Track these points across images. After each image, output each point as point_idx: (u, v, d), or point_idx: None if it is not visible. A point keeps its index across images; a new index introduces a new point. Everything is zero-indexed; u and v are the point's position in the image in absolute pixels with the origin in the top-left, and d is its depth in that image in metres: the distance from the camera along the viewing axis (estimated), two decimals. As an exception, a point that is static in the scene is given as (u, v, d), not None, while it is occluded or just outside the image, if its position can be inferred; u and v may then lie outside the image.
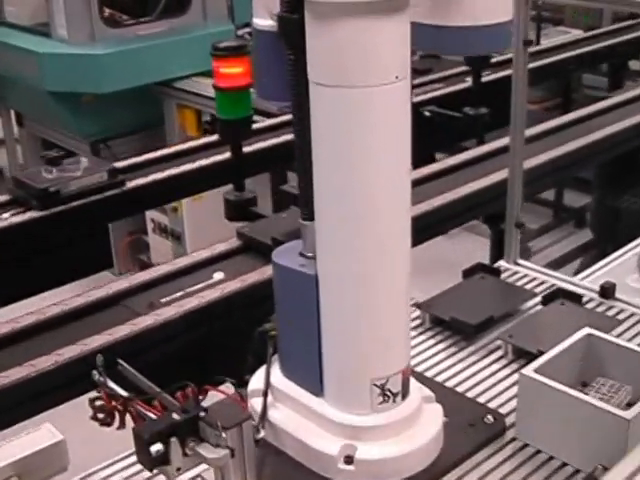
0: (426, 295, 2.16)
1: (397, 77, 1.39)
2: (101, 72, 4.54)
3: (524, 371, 1.66)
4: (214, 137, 3.20)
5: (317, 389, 1.65)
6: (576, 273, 4.02)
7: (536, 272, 2.35)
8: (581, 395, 1.59)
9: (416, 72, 3.85)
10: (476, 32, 1.55)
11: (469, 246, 4.84)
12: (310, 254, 1.60)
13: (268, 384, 1.72)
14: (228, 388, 1.66)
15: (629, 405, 1.69)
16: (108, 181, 2.92)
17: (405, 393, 1.62)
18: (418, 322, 2.13)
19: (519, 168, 2.29)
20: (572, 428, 1.60)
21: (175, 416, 1.49)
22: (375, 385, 1.58)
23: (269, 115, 3.82)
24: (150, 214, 4.71)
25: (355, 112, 1.39)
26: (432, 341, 2.06)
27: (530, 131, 3.54)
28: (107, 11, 4.96)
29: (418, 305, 2.13)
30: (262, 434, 1.63)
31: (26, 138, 5.72)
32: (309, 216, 1.57)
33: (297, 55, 1.47)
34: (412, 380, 1.70)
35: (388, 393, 1.59)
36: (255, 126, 2.74)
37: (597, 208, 4.01)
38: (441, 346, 2.04)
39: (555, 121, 3.73)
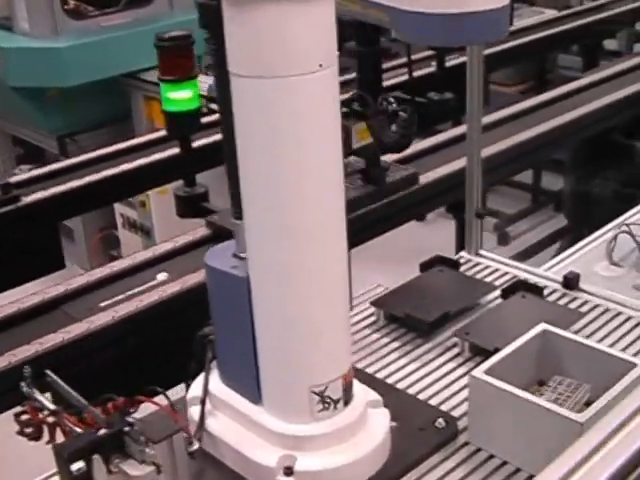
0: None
1: (321, 65, 1.29)
2: (64, 65, 4.42)
3: (474, 372, 1.57)
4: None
5: (255, 397, 1.56)
6: (553, 258, 3.99)
7: (498, 263, 2.26)
8: (532, 397, 1.50)
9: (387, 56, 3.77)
10: (467, 19, 1.42)
11: (446, 233, 4.74)
12: (243, 255, 1.51)
13: (206, 391, 1.63)
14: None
15: (587, 404, 1.60)
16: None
17: (348, 399, 1.54)
18: (372, 320, 2.04)
19: (477, 156, 2.20)
20: (524, 432, 1.52)
21: (102, 431, 1.41)
22: (314, 392, 1.49)
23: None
24: (119, 209, 4.61)
25: (276, 104, 1.30)
26: (386, 339, 1.97)
27: (504, 112, 3.50)
28: (72, 3, 4.84)
29: (372, 302, 2.05)
30: (197, 446, 1.54)
31: (-2, 136, 5.61)
32: (240, 214, 1.48)
33: (218, 44, 1.38)
34: (358, 384, 1.61)
35: (328, 400, 1.50)
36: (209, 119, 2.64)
37: (570, 193, 3.91)
38: (395, 344, 1.95)
39: (529, 102, 3.64)
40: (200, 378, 1.66)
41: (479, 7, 1.42)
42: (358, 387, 1.60)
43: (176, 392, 1.70)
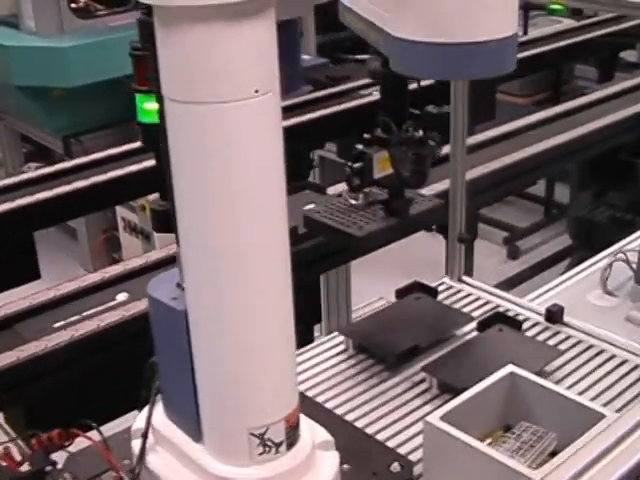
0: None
1: (257, 91, 1.20)
2: (68, 65, 4.35)
3: (429, 418, 1.47)
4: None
5: (196, 435, 1.47)
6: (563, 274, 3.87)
7: (480, 291, 2.16)
8: (487, 449, 1.40)
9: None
10: (468, 51, 1.25)
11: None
12: (185, 285, 1.42)
13: (149, 425, 1.54)
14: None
15: (553, 454, 1.50)
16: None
17: (292, 441, 1.44)
18: (341, 348, 1.95)
19: (461, 179, 2.10)
20: (479, 484, 1.42)
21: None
22: (253, 435, 1.39)
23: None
24: (120, 212, 4.54)
25: (208, 132, 1.20)
26: (353, 371, 1.87)
27: (517, 123, 3.39)
28: (82, 1, 4.78)
29: (340, 330, 1.96)
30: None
31: (4, 132, 5.56)
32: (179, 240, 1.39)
33: (156, 64, 1.29)
34: (308, 422, 1.52)
35: (269, 443, 1.41)
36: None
37: (574, 214, 3.78)
38: (361, 377, 1.85)
39: (534, 116, 3.52)
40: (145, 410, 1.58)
41: (480, 37, 1.25)
42: (307, 426, 1.50)
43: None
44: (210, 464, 1.43)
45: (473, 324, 1.96)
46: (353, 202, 1.78)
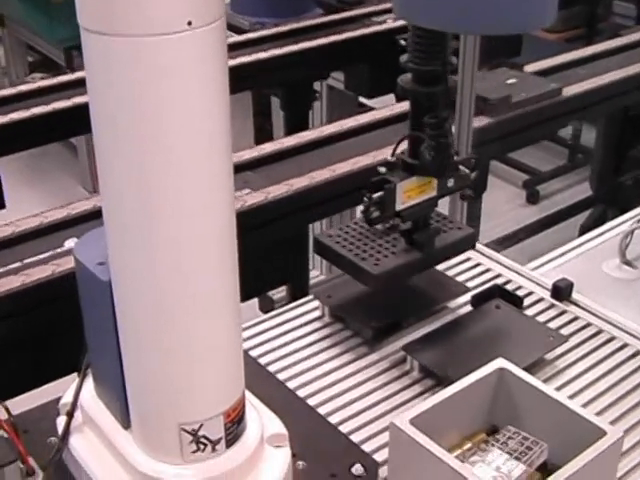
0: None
1: (190, 23, 0.94)
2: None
3: (396, 420, 1.24)
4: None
5: (124, 420, 1.26)
6: (581, 229, 3.60)
7: (482, 256, 1.91)
8: (459, 466, 1.17)
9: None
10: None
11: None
12: (114, 248, 1.19)
13: (76, 402, 1.33)
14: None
15: (543, 469, 1.28)
16: None
17: (233, 439, 1.22)
18: (317, 314, 1.72)
19: (468, 126, 1.84)
20: (449, 503, 1.20)
21: None
22: (185, 430, 1.18)
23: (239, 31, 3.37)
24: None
25: (131, 71, 0.95)
26: (324, 344, 1.64)
27: (543, 64, 3.08)
28: None
29: (316, 293, 1.72)
30: (40, 478, 1.24)
31: (9, 39, 5.29)
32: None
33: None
34: (259, 410, 1.30)
35: (204, 441, 1.19)
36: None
37: (598, 166, 3.47)
38: (334, 351, 1.62)
39: (571, 54, 3.20)
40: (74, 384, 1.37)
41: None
42: (256, 416, 1.28)
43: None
44: (135, 458, 1.22)
45: (468, 296, 1.72)
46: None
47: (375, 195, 1.47)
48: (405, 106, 1.60)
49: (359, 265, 1.54)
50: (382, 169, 1.52)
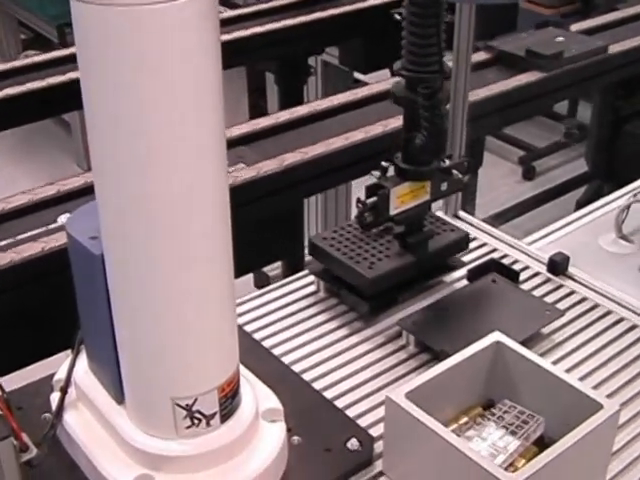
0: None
1: (183, -9, 0.92)
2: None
3: (392, 395, 1.23)
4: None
5: (118, 395, 1.25)
6: (577, 205, 3.59)
7: (478, 230, 1.90)
8: (455, 440, 1.16)
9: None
10: None
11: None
12: (106, 222, 1.17)
13: (69, 378, 1.32)
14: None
15: (539, 443, 1.27)
16: None
17: (228, 413, 1.22)
18: (312, 289, 1.71)
19: (463, 100, 1.81)
20: (445, 476, 1.20)
21: None
22: (179, 405, 1.17)
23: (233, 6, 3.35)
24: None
25: (119, 43, 0.93)
26: (322, 317, 1.63)
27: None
28: None
29: (310, 269, 1.71)
30: (33, 453, 1.23)
31: (1, 17, 5.25)
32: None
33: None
34: (253, 385, 1.30)
35: (198, 416, 1.18)
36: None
37: (594, 139, 3.45)
38: (330, 326, 1.61)
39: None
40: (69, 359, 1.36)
41: None
42: (251, 390, 1.28)
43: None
44: (128, 433, 1.21)
45: (463, 270, 1.71)
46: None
47: (369, 200, 1.50)
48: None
49: (353, 268, 1.57)
50: (376, 173, 1.54)
